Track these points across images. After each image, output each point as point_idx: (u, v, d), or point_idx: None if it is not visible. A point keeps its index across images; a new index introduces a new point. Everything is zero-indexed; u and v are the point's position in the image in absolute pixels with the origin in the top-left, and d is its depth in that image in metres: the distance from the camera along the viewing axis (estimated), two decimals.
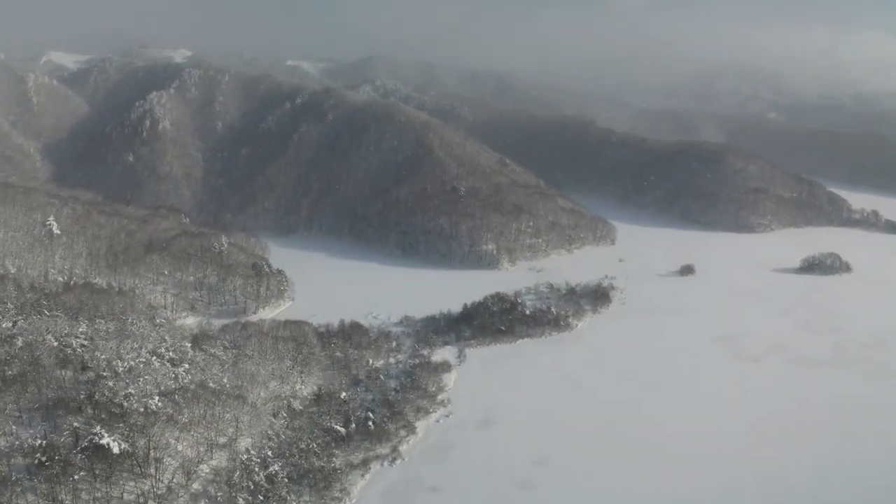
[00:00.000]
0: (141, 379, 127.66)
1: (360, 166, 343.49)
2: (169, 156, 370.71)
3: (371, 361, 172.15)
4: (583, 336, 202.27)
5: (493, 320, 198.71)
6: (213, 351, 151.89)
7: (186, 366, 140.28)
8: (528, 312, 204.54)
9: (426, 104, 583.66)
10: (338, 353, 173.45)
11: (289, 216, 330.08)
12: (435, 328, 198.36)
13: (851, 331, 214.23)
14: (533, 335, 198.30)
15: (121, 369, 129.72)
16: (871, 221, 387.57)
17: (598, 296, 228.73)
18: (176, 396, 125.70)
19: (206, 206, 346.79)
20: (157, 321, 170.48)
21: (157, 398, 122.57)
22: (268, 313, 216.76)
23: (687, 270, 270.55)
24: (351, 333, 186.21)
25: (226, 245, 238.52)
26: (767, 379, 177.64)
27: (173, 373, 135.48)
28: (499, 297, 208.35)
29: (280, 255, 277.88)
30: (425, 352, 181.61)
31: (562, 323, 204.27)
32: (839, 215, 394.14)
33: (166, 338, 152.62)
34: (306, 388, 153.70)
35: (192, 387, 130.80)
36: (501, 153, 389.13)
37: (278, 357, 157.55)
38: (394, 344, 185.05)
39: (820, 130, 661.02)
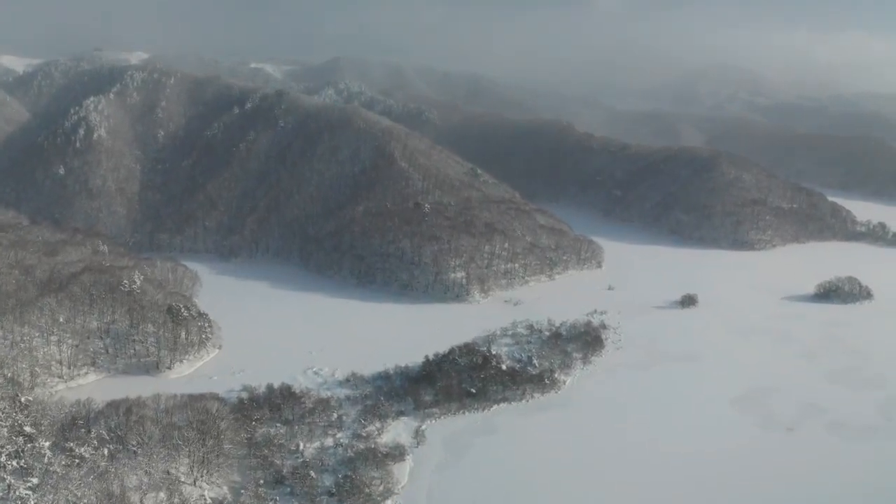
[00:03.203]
0: None
1: (312, 179, 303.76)
2: (103, 168, 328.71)
3: (302, 446, 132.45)
4: (572, 398, 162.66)
5: (460, 380, 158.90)
6: (80, 451, 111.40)
7: (35, 480, 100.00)
8: (504, 368, 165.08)
9: (392, 108, 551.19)
10: (259, 435, 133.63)
11: (231, 237, 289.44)
12: (388, 390, 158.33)
13: (894, 382, 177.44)
14: (511, 398, 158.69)
15: None
16: (877, 234, 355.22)
17: (589, 339, 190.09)
18: None
19: (141, 225, 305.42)
20: (23, 400, 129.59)
21: None
22: (185, 367, 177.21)
23: (688, 301, 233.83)
24: (281, 403, 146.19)
25: (139, 282, 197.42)
26: (810, 457, 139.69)
27: (14, 493, 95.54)
28: (468, 349, 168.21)
29: (216, 286, 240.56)
30: (374, 427, 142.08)
31: (546, 380, 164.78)
32: (843, 228, 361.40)
33: (25, 429, 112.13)
34: (208, 493, 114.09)
35: None
36: (473, 161, 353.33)
37: (172, 452, 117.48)
38: (335, 416, 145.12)
39: (807, 134, 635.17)
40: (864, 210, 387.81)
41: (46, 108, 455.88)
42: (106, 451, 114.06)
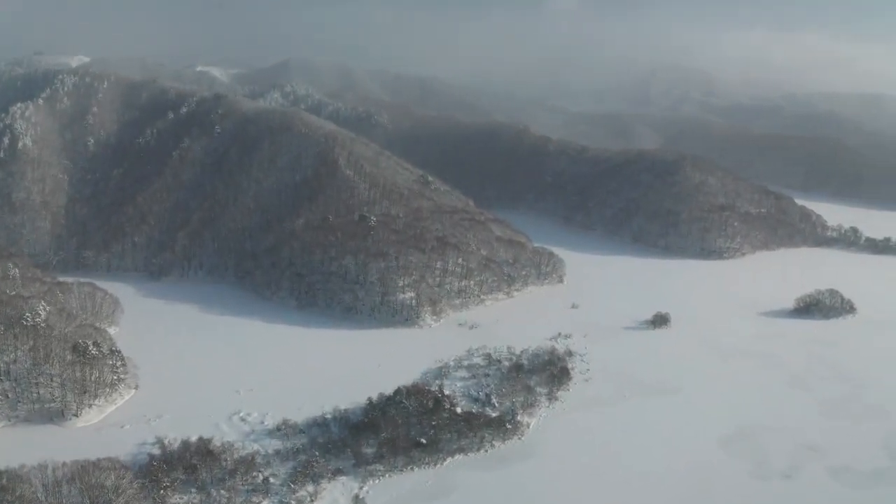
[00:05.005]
0: None
1: (249, 190, 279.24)
2: (27, 180, 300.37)
3: None
4: (538, 445, 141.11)
5: (408, 427, 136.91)
6: None
7: None
8: (459, 411, 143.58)
9: (340, 111, 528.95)
10: None
11: (162, 253, 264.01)
12: (325, 441, 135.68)
13: (894, 412, 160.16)
14: (467, 448, 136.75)
15: None
16: (850, 240, 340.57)
17: (554, 371, 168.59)
18: None
19: (66, 242, 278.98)
20: None
21: None
22: (95, 414, 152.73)
23: (660, 321, 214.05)
24: (197, 462, 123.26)
25: (43, 314, 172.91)
26: None
27: None
28: (417, 390, 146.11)
29: (141, 311, 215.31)
30: (306, 491, 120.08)
31: (507, 424, 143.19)
32: (814, 233, 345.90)
33: None
34: None
35: None
36: (425, 166, 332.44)
37: None
38: (260, 478, 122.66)
39: (765, 134, 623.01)
40: (829, 212, 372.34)
41: None
42: None
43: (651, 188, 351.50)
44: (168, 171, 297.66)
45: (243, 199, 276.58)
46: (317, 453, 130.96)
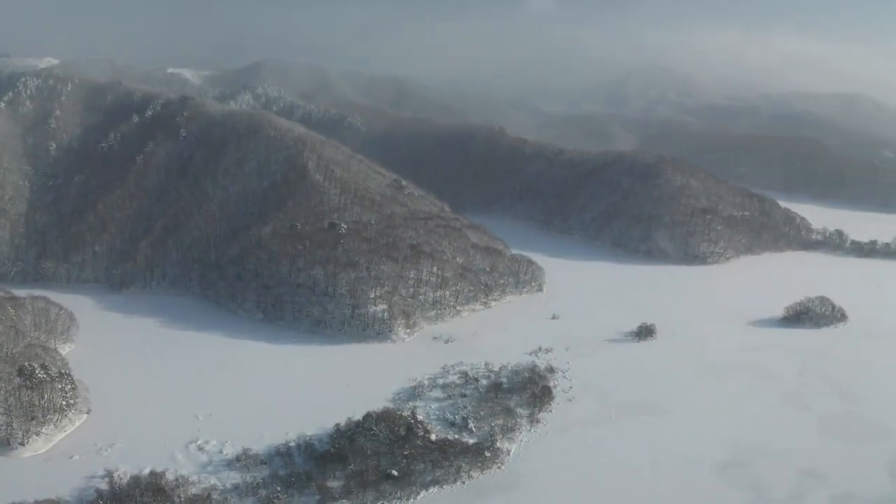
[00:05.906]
0: None
1: (215, 196, 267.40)
2: None
3: None
4: (520, 475, 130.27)
5: (378, 458, 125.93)
6: None
7: None
8: (433, 438, 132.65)
9: (312, 114, 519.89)
10: None
11: (123, 264, 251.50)
12: (288, 474, 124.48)
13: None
14: (442, 480, 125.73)
15: None
16: (835, 243, 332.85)
17: (535, 391, 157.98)
18: None
19: (25, 252, 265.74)
20: None
21: None
22: (42, 443, 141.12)
23: (646, 332, 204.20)
24: (147, 501, 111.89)
25: None
26: None
27: None
28: (387, 416, 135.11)
29: (99, 326, 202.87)
30: None
31: (486, 452, 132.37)
32: (798, 237, 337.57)
33: None
34: None
35: None
36: (400, 170, 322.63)
37: None
38: None
39: (744, 135, 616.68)
40: (811, 214, 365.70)
41: None
42: None
43: (631, 191, 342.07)
44: (131, 176, 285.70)
45: (208, 207, 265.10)
46: (278, 488, 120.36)
